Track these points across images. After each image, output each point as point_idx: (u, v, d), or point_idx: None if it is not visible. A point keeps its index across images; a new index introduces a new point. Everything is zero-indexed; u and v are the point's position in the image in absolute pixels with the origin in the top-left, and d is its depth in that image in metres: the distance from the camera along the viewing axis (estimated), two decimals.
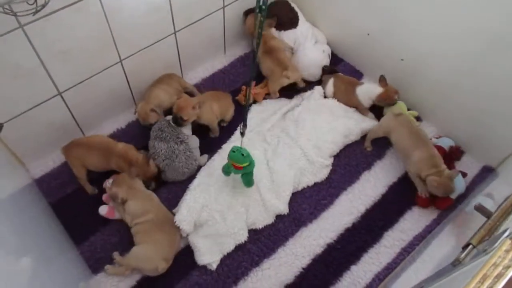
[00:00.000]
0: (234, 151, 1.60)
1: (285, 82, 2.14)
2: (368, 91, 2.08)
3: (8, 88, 1.58)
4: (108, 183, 1.80)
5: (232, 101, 2.11)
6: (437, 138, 2.07)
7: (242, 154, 1.59)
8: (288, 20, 2.28)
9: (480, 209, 1.01)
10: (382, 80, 2.06)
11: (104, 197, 1.80)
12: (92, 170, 1.83)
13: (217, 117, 2.02)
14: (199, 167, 1.92)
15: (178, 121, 1.87)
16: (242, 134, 1.60)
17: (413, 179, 1.90)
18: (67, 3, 1.49)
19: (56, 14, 1.48)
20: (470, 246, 0.92)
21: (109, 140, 1.83)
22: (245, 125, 1.57)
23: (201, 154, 1.98)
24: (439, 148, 1.95)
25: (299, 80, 2.19)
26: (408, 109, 2.14)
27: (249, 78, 1.40)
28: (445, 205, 1.86)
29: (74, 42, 1.63)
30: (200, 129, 2.03)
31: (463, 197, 1.91)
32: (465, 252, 0.91)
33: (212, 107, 1.97)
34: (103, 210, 1.77)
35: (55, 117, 1.83)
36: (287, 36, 2.26)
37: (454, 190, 1.80)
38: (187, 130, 1.93)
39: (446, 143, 2.02)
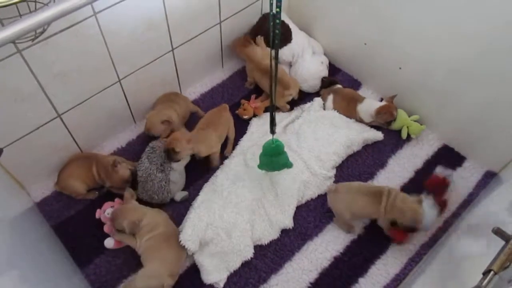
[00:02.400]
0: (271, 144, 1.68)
1: (289, 98, 2.14)
2: (369, 107, 2.07)
3: (8, 112, 1.56)
4: (105, 213, 1.76)
5: (229, 116, 2.06)
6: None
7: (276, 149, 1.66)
8: (283, 37, 2.20)
9: (499, 232, 1.00)
10: (388, 98, 2.08)
11: (106, 228, 1.74)
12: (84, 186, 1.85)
13: (220, 142, 1.98)
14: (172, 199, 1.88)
15: (170, 154, 1.77)
16: (272, 131, 1.66)
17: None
18: (64, 26, 1.48)
19: (54, 38, 1.47)
20: (492, 273, 0.91)
21: (91, 153, 1.94)
22: (274, 124, 1.63)
23: (185, 189, 1.92)
24: (436, 178, 1.91)
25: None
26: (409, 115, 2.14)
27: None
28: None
29: (72, 64, 1.62)
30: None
31: (467, 203, 1.91)
32: (487, 280, 0.89)
33: (211, 140, 1.91)
34: (109, 243, 1.71)
35: (55, 139, 1.82)
36: (284, 53, 2.23)
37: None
38: (178, 165, 1.85)
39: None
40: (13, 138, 1.66)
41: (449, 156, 2.08)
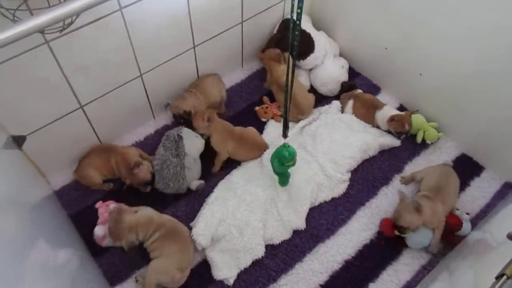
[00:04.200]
0: (284, 148, 1.67)
1: (299, 120, 2.16)
2: (385, 115, 2.06)
3: (32, 101, 1.61)
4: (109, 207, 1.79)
5: (256, 150, 2.01)
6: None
7: (288, 154, 1.65)
8: (305, 48, 2.19)
9: None
10: (407, 111, 2.08)
11: (100, 220, 1.76)
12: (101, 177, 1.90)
13: (227, 154, 1.98)
14: (189, 189, 1.90)
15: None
16: (285, 135, 1.65)
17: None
18: (91, 20, 1.52)
19: (80, 30, 1.51)
20: (505, 277, 0.90)
21: (113, 145, 1.97)
22: (287, 127, 1.63)
23: (202, 178, 1.95)
24: (452, 216, 1.80)
25: None
26: (428, 121, 2.11)
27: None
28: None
29: (96, 57, 1.66)
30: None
31: (484, 214, 1.88)
32: (499, 284, 0.89)
33: (226, 143, 1.94)
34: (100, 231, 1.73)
35: (76, 130, 1.86)
36: (308, 64, 2.22)
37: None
38: (194, 151, 1.89)
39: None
40: (36, 126, 1.71)
41: (467, 165, 2.05)
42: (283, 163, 1.69)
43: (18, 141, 1.66)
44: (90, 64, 1.66)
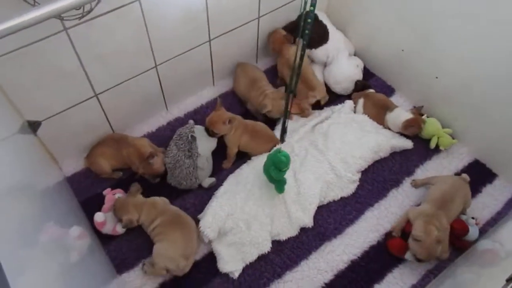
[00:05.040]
0: (278, 153, 1.63)
1: (313, 100, 2.14)
2: (397, 118, 2.04)
3: (48, 88, 1.63)
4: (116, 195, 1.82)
5: (268, 142, 1.99)
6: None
7: (284, 158, 1.62)
8: (319, 37, 2.22)
9: None
10: (415, 109, 2.05)
11: (104, 208, 1.80)
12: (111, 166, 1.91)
13: (239, 147, 1.99)
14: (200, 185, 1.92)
15: (209, 132, 1.90)
16: (282, 139, 1.61)
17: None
18: (110, 8, 1.53)
19: (99, 19, 1.53)
20: None
21: (126, 136, 1.96)
22: (285, 132, 1.57)
23: (213, 176, 1.96)
24: (458, 222, 1.77)
25: (324, 97, 2.20)
26: (442, 127, 2.09)
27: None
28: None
29: (113, 46, 1.68)
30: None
31: (494, 221, 1.86)
32: (510, 286, 0.88)
33: (240, 137, 1.95)
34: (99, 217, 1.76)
35: (90, 117, 1.88)
36: (319, 54, 2.22)
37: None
38: (207, 151, 1.91)
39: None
40: (51, 113, 1.73)
41: (479, 172, 2.03)
42: (281, 168, 1.65)
43: (34, 126, 1.68)
44: (107, 53, 1.68)
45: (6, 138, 1.36)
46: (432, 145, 2.06)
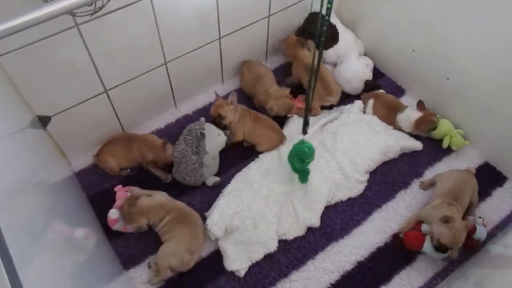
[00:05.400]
0: (301, 144, 1.66)
1: (327, 104, 2.16)
2: (408, 118, 2.03)
3: (59, 83, 1.64)
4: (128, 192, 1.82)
5: (272, 131, 2.02)
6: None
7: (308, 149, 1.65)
8: (329, 38, 2.18)
9: None
10: (420, 105, 2.02)
11: (116, 205, 1.79)
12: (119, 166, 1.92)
13: (243, 137, 2.00)
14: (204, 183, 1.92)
15: (217, 121, 1.93)
16: (305, 131, 1.64)
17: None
18: (121, 5, 1.54)
19: (110, 15, 1.53)
20: None
21: (135, 134, 1.99)
22: (307, 124, 1.62)
23: (219, 171, 1.97)
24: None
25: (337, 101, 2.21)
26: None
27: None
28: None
29: (124, 42, 1.68)
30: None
31: (503, 225, 1.84)
32: None
33: (244, 122, 1.98)
34: (114, 214, 1.75)
35: (99, 113, 1.89)
36: (329, 55, 2.21)
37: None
38: (214, 149, 1.90)
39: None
40: (61, 108, 1.74)
41: (489, 175, 2.01)
42: (304, 159, 1.68)
43: (44, 121, 1.70)
44: (117, 49, 1.68)
45: (16, 132, 1.37)
46: (445, 144, 2.03)
